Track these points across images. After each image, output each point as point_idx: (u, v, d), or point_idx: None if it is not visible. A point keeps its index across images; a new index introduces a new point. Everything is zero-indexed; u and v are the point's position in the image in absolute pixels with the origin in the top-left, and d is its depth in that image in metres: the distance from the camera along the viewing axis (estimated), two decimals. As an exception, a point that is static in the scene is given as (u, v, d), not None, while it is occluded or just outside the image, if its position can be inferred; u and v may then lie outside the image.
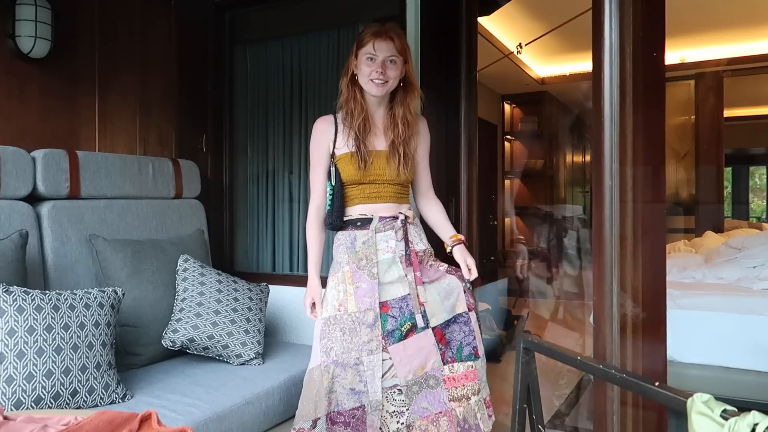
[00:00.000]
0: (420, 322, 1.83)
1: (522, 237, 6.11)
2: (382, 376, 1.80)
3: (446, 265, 1.95)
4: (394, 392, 1.82)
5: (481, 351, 1.89)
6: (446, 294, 1.88)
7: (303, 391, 1.84)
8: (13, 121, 2.20)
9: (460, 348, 1.86)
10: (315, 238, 1.96)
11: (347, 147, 1.89)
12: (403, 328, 1.83)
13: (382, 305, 1.84)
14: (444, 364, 1.85)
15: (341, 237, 1.91)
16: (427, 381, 1.84)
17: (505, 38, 4.74)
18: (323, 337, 1.84)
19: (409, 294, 1.84)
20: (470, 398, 1.84)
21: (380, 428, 1.80)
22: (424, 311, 1.85)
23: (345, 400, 1.79)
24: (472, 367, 1.85)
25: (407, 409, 1.81)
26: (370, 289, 1.83)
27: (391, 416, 1.81)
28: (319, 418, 1.78)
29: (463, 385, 1.84)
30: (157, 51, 2.79)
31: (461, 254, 1.94)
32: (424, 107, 2.41)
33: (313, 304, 1.90)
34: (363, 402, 1.79)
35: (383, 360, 1.81)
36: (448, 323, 1.87)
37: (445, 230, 2.01)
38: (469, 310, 1.89)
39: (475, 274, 1.92)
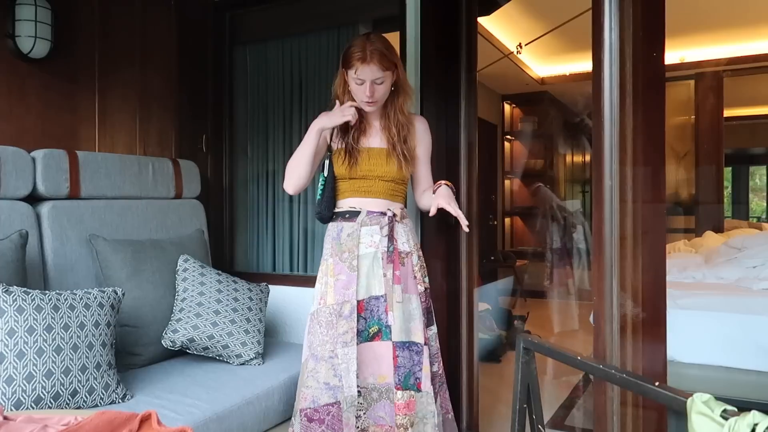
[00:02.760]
0: (389, 321, 1.84)
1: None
2: None
3: (423, 288, 1.93)
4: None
5: (426, 386, 1.85)
6: (408, 316, 1.88)
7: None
8: (13, 121, 2.20)
9: (407, 376, 1.85)
10: None
11: (340, 143, 1.95)
12: (370, 330, 1.85)
13: (358, 304, 1.85)
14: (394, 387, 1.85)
15: (330, 228, 1.97)
16: (388, 392, 1.84)
17: (505, 38, 4.75)
18: (309, 333, 1.89)
19: (384, 295, 1.85)
20: (408, 429, 1.82)
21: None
22: (392, 317, 1.84)
23: (320, 395, 1.80)
24: (412, 397, 1.84)
25: (364, 413, 1.82)
26: (349, 281, 1.85)
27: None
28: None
29: (405, 414, 1.82)
30: (157, 51, 2.79)
31: (443, 197, 1.82)
32: (422, 106, 2.40)
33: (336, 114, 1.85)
34: (338, 398, 1.80)
35: None
36: (402, 345, 1.86)
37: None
38: (425, 343, 1.87)
39: (463, 221, 1.81)
